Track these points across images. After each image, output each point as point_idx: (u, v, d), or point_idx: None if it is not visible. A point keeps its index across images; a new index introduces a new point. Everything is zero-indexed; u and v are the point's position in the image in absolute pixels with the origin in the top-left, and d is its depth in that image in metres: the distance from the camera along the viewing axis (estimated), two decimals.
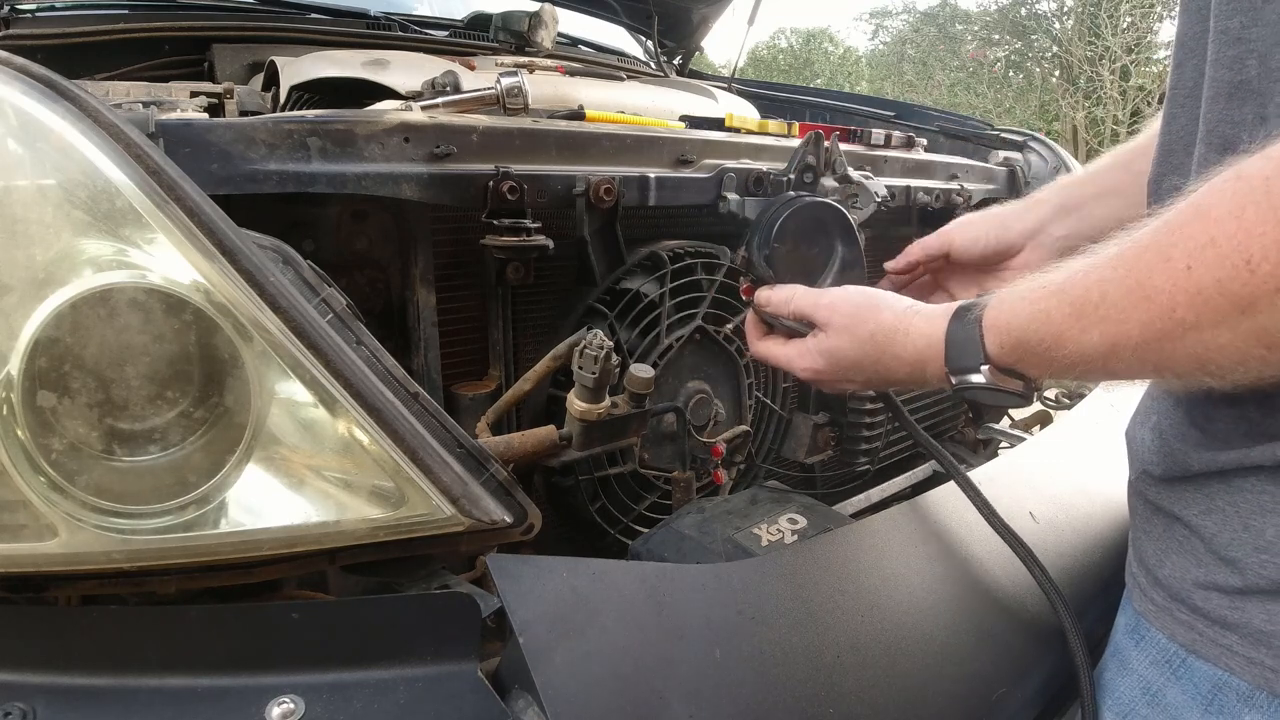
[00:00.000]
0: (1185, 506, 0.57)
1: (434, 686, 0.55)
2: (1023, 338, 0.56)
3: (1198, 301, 0.44)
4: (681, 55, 2.39)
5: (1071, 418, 1.18)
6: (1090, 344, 0.51)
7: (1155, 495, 0.60)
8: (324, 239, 0.82)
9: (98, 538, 0.52)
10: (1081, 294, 0.51)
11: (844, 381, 0.75)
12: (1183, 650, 0.56)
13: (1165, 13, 9.77)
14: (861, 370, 0.70)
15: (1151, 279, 0.46)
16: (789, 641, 0.64)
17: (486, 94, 0.96)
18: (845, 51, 14.78)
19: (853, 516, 0.83)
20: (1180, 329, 0.45)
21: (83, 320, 0.50)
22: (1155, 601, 0.59)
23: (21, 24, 1.43)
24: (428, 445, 0.58)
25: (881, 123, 1.88)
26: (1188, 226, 0.45)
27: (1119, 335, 0.49)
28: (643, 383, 0.75)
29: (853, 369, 0.71)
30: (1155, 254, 0.46)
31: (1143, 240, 0.48)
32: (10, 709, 0.51)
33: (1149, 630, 0.59)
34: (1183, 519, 0.57)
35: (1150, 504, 0.61)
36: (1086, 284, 0.51)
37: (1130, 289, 0.48)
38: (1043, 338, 0.54)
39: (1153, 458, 0.60)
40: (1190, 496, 0.56)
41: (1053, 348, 0.54)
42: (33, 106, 0.50)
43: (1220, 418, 0.54)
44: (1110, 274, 0.49)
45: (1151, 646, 0.59)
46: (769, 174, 1.00)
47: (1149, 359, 0.48)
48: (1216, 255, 0.42)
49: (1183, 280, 0.44)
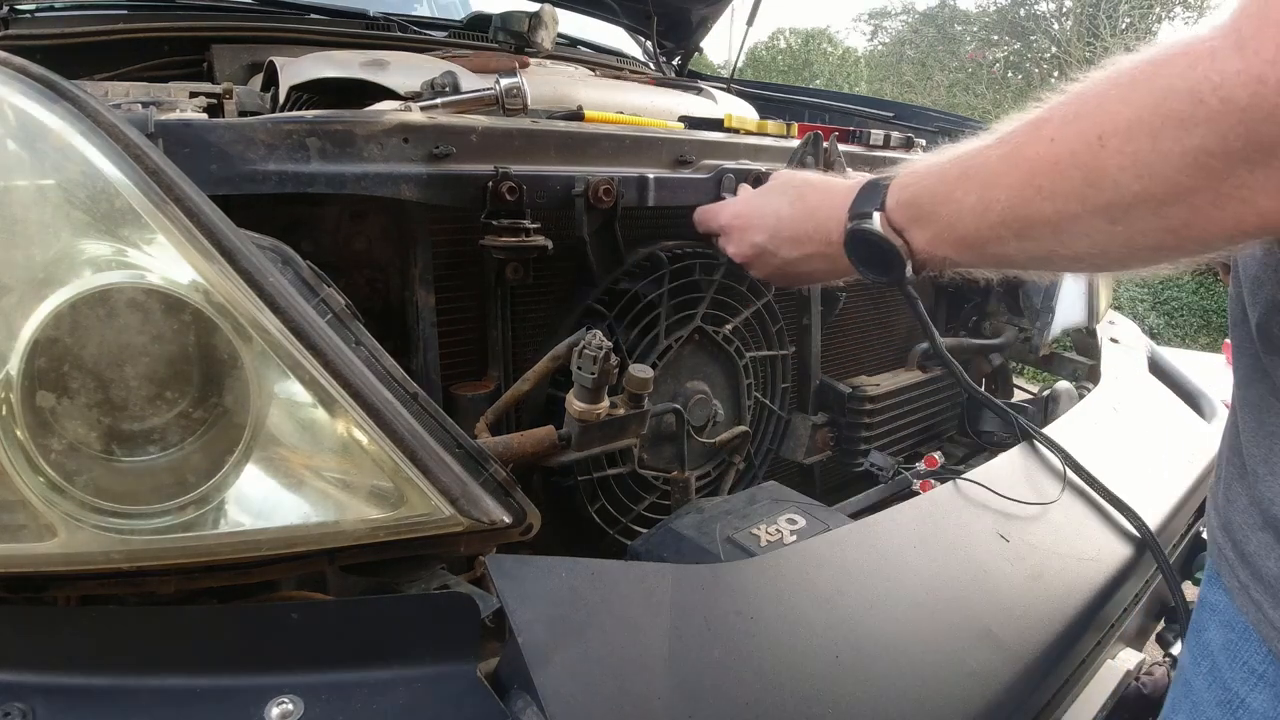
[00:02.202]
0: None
1: (433, 687, 0.55)
2: (917, 193, 0.62)
3: (1055, 172, 0.48)
4: (681, 56, 2.39)
5: (1073, 416, 1.18)
6: (968, 205, 0.56)
7: None
8: (323, 239, 0.82)
9: (97, 538, 0.52)
10: (970, 160, 0.57)
11: (754, 229, 0.80)
12: None
13: (1164, 13, 9.78)
14: (777, 215, 0.76)
15: (1022, 149, 0.51)
16: (788, 641, 0.64)
17: (485, 94, 0.96)
18: (844, 52, 14.78)
19: (852, 516, 0.83)
20: (1039, 196, 0.49)
21: (82, 320, 0.50)
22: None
23: (21, 24, 1.43)
24: (427, 445, 0.58)
25: (880, 123, 1.88)
26: (1060, 106, 0.49)
27: (990, 198, 0.53)
28: (642, 383, 0.75)
29: (769, 213, 0.77)
30: (1030, 128, 0.51)
31: (1027, 118, 0.52)
32: (10, 709, 0.51)
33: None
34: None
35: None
36: (976, 152, 0.56)
37: (1004, 155, 0.53)
38: (934, 194, 0.60)
39: None
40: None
41: (939, 205, 0.59)
42: (32, 106, 0.50)
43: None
44: (995, 146, 0.54)
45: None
46: (768, 174, 1.00)
47: (1013, 224, 0.52)
48: (1076, 130, 0.47)
49: (1045, 150, 0.49)
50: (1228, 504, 0.59)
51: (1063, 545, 0.89)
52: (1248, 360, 0.57)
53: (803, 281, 0.80)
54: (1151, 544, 0.92)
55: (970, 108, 10.54)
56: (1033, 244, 0.53)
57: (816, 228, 0.72)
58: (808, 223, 0.73)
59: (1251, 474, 0.56)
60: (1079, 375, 1.56)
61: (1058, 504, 0.95)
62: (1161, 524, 0.99)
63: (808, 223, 0.73)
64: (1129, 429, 1.22)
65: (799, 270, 0.79)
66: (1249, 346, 0.56)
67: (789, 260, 0.78)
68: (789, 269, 0.80)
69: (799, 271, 0.79)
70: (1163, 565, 0.91)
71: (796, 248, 0.76)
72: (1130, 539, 0.95)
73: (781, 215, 0.75)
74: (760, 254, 0.80)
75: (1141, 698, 0.94)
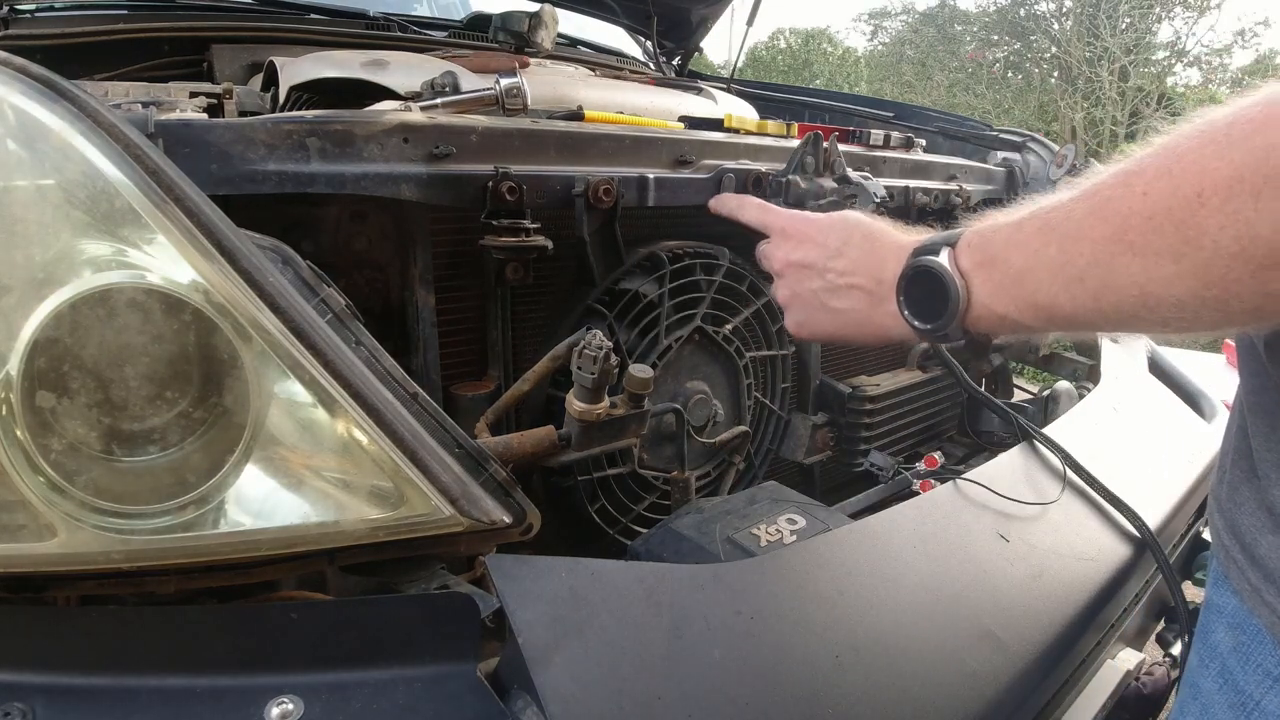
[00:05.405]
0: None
1: (433, 687, 0.55)
2: (990, 239, 0.59)
3: (1147, 227, 0.46)
4: (681, 56, 2.39)
5: (1073, 416, 1.18)
6: (1046, 258, 0.53)
7: None
8: (323, 239, 0.82)
9: (97, 538, 0.52)
10: (1050, 213, 0.54)
11: (813, 243, 0.75)
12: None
13: (1164, 13, 9.78)
14: (843, 239, 0.72)
15: (1111, 203, 0.49)
16: (788, 641, 0.64)
17: (485, 94, 0.96)
18: (844, 52, 14.77)
19: (852, 516, 0.83)
20: (1129, 252, 0.47)
21: (82, 320, 0.50)
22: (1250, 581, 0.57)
23: (21, 24, 1.43)
24: (427, 445, 0.58)
25: (880, 123, 1.88)
26: (1151, 159, 0.47)
27: (1074, 252, 0.51)
28: (642, 383, 0.75)
29: (834, 234, 0.73)
30: (1119, 181, 0.49)
31: (1113, 170, 0.50)
32: (10, 709, 0.51)
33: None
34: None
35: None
36: (1056, 206, 0.54)
37: (1092, 209, 0.50)
38: (1009, 241, 0.57)
39: None
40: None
41: (1013, 252, 0.56)
42: (32, 106, 0.50)
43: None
44: (1079, 199, 0.52)
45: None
46: (768, 174, 1.00)
47: (1094, 282, 0.50)
48: (1170, 185, 0.44)
49: (1137, 204, 0.46)
50: (1234, 506, 0.59)
51: (1063, 545, 0.89)
52: (1257, 367, 0.56)
53: (824, 319, 0.73)
54: (1151, 544, 0.92)
55: (970, 108, 10.53)
56: (1113, 304, 0.49)
57: (873, 263, 0.68)
58: (867, 257, 0.69)
59: (1263, 478, 0.55)
60: (1079, 375, 1.56)
61: (1058, 504, 0.95)
62: (1161, 524, 0.99)
63: (867, 257, 0.69)
64: (1129, 429, 1.22)
65: (830, 303, 0.74)
66: (1256, 355, 0.56)
67: (828, 286, 0.74)
68: (821, 296, 0.74)
69: (830, 305, 0.74)
70: (1163, 565, 0.91)
71: (843, 276, 0.72)
72: (1130, 539, 0.95)
73: (849, 239, 0.71)
74: (805, 269, 0.76)
75: (1141, 698, 0.94)
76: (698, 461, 1.02)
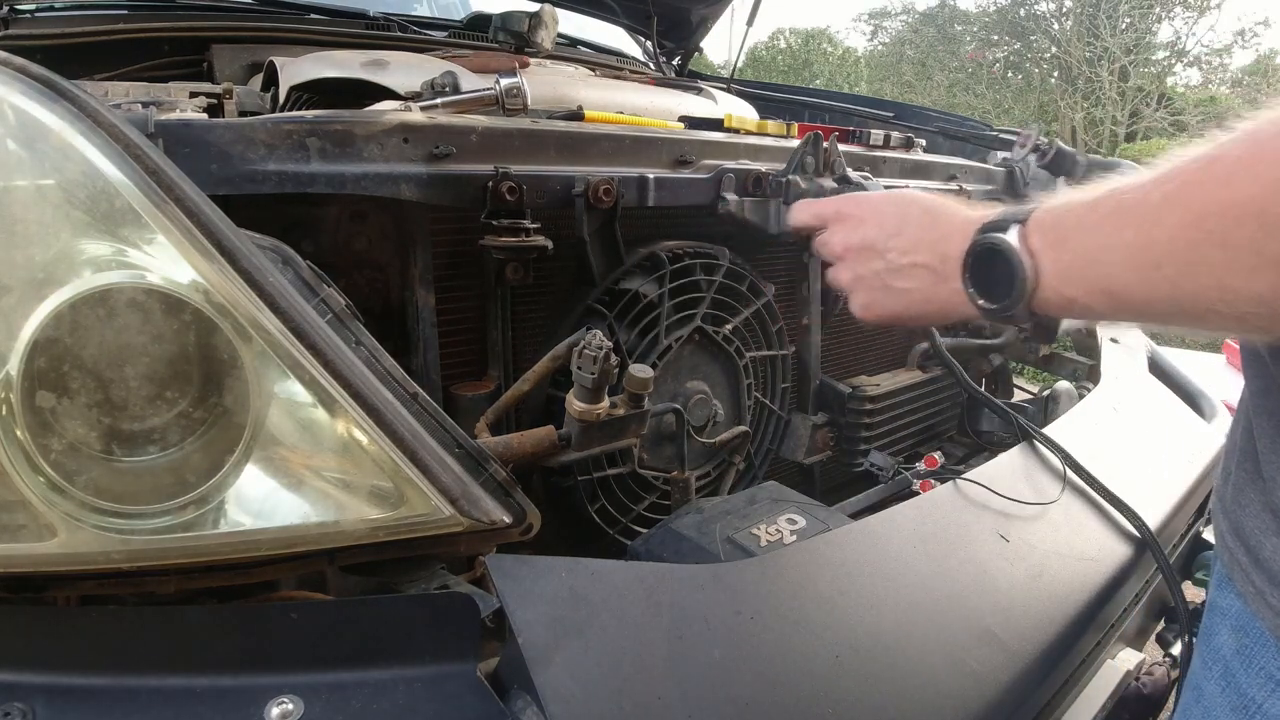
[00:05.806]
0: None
1: (433, 687, 0.55)
2: (1063, 218, 0.55)
3: (1228, 215, 0.43)
4: (681, 56, 2.39)
5: (1073, 416, 1.18)
6: (1122, 241, 0.50)
7: None
8: (323, 239, 0.82)
9: (97, 538, 0.52)
10: (1125, 195, 0.51)
11: (871, 223, 0.73)
12: None
13: (1163, 13, 9.79)
14: (902, 216, 0.69)
15: (1190, 188, 0.46)
16: (788, 641, 0.64)
17: (485, 94, 0.96)
18: (844, 52, 14.78)
19: (852, 516, 0.84)
20: (1208, 241, 0.44)
21: (82, 320, 0.50)
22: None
23: (21, 24, 1.43)
24: (427, 445, 0.58)
25: (880, 123, 1.88)
26: (1234, 146, 0.44)
27: (1151, 237, 0.48)
28: (642, 383, 0.75)
29: (892, 212, 0.70)
30: (1199, 167, 0.46)
31: (1193, 154, 0.47)
32: (10, 709, 0.51)
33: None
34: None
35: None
36: (1132, 188, 0.51)
37: (1169, 194, 0.47)
38: (1082, 222, 0.54)
39: None
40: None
41: (1086, 234, 0.53)
42: (32, 106, 0.50)
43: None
44: (1156, 183, 0.49)
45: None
46: (768, 174, 1.00)
47: (1171, 270, 0.47)
48: (1254, 173, 0.42)
49: (1219, 192, 0.44)
50: (1239, 508, 0.58)
51: (1063, 545, 0.89)
52: (1261, 369, 0.56)
53: (889, 300, 0.70)
54: (1151, 544, 0.92)
55: (970, 108, 10.54)
56: (1190, 294, 0.47)
57: (936, 239, 0.66)
58: (928, 233, 0.67)
59: (1269, 480, 0.55)
60: (1079, 375, 1.56)
61: (1058, 504, 0.95)
62: (1161, 524, 0.99)
63: (928, 233, 0.67)
64: (1129, 429, 1.22)
65: (894, 283, 0.71)
66: (1260, 357, 0.55)
67: (890, 267, 0.71)
68: (884, 277, 0.72)
69: (893, 285, 0.71)
70: (1163, 565, 0.91)
71: (905, 255, 0.69)
72: (1130, 539, 0.95)
73: (907, 216, 0.69)
74: (866, 250, 0.73)
75: (1141, 698, 0.94)
76: (698, 461, 1.02)
